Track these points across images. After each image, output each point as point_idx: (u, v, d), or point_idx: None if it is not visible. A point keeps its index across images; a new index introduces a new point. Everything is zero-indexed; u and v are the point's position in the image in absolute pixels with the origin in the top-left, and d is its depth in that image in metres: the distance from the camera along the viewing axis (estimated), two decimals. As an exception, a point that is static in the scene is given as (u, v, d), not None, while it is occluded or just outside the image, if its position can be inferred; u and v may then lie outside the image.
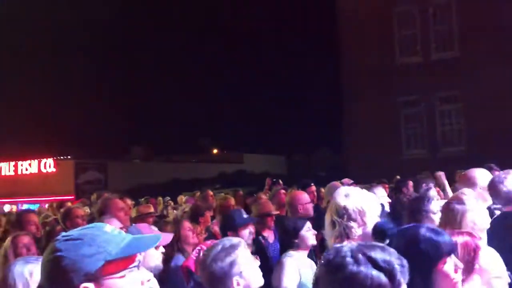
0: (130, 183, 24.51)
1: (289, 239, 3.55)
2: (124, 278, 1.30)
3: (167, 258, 3.22)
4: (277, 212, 4.75)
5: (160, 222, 4.44)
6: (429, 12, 17.62)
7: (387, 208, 4.38)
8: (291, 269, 3.38)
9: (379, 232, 2.25)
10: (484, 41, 15.54)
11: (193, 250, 3.30)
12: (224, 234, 3.67)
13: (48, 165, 30.83)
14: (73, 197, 23.83)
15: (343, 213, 2.39)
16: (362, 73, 17.79)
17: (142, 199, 10.07)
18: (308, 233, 3.56)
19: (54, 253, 1.29)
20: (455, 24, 17.05)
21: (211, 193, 7.64)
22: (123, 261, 1.31)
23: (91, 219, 4.15)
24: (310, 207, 4.66)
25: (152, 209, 5.68)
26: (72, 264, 1.25)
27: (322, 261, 1.44)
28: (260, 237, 4.21)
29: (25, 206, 22.48)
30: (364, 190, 2.58)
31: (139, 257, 1.36)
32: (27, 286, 2.07)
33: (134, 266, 1.33)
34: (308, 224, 3.66)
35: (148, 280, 1.38)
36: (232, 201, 5.72)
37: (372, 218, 2.41)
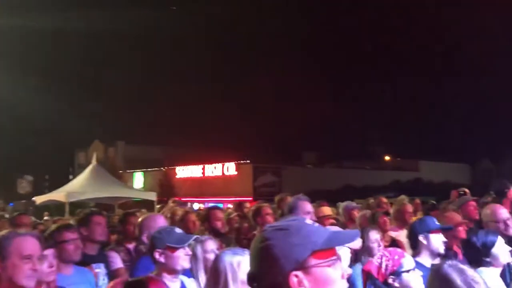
0: (303, 187, 25.20)
1: (479, 256, 3.20)
2: (329, 268, 1.35)
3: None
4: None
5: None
6: None
7: None
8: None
9: None
10: None
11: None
12: (411, 238, 3.45)
13: (230, 168, 33.50)
14: (251, 198, 25.44)
15: None
16: None
17: (314, 204, 10.18)
18: (501, 250, 3.17)
19: (265, 241, 1.35)
20: None
21: (385, 199, 7.35)
22: (326, 253, 1.35)
23: (281, 218, 4.37)
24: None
25: (330, 212, 5.71)
26: (282, 252, 1.31)
27: None
28: (451, 253, 3.85)
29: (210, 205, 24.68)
30: None
31: (338, 251, 1.40)
32: (236, 275, 2.26)
33: (336, 259, 1.37)
34: (501, 240, 3.26)
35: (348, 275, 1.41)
36: (410, 207, 5.40)
37: None
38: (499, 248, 3.15)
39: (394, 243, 4.57)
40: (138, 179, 38.50)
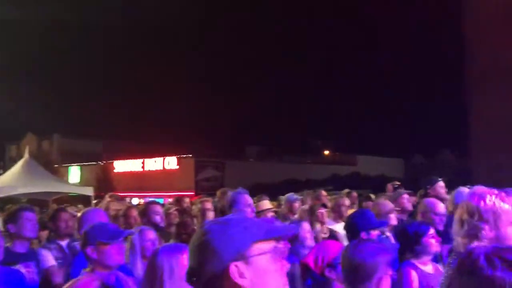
0: (245, 181, 25.35)
1: (410, 243, 3.35)
2: (269, 259, 1.35)
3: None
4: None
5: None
6: None
7: None
8: (409, 277, 3.20)
9: None
10: None
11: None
12: (353, 234, 3.54)
13: (172, 162, 33.06)
14: (193, 193, 25.25)
15: (474, 212, 2.22)
16: (490, 70, 16.33)
17: (255, 198, 10.28)
18: (432, 240, 3.33)
19: (205, 235, 1.35)
20: None
21: (324, 193, 7.54)
22: (267, 243, 1.36)
23: (221, 214, 4.36)
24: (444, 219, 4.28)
25: (270, 205, 5.76)
26: (222, 244, 1.32)
27: (454, 264, 1.34)
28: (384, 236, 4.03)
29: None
30: (503, 193, 2.35)
31: (279, 243, 1.41)
32: (173, 271, 2.23)
33: (276, 250, 1.38)
34: (432, 230, 3.42)
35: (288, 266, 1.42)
36: (347, 201, 5.57)
37: (508, 224, 2.19)
38: (430, 238, 3.31)
39: (333, 235, 4.68)
40: (74, 173, 37.12)
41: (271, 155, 39.60)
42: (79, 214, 3.98)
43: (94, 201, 11.03)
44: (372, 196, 7.78)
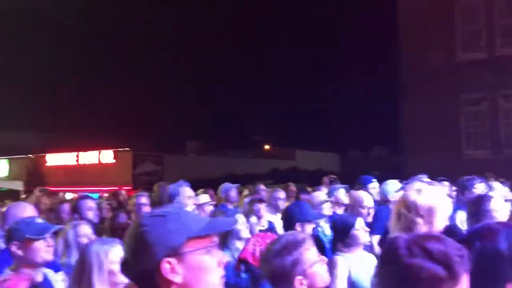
0: (185, 176, 25.03)
1: (340, 236, 3.47)
2: (204, 255, 1.34)
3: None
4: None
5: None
6: (494, 6, 16.72)
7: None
8: (342, 268, 3.31)
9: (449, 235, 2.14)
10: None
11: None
12: (289, 226, 3.59)
13: (108, 156, 32.10)
14: (130, 187, 24.66)
15: (411, 207, 2.33)
16: (422, 70, 17.18)
17: (199, 191, 10.24)
18: (360, 232, 3.47)
19: (140, 228, 1.33)
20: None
21: (263, 187, 7.64)
22: (203, 240, 1.34)
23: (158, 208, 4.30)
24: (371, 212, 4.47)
25: (208, 199, 5.77)
26: (156, 238, 1.30)
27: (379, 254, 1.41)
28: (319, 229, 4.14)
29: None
30: (439, 189, 2.49)
31: (216, 238, 1.39)
32: (102, 265, 2.18)
33: (213, 246, 1.36)
34: (361, 222, 3.56)
35: (224, 262, 1.40)
36: (282, 194, 5.68)
37: (442, 219, 2.32)
38: (358, 229, 3.46)
39: (270, 227, 4.76)
40: (2, 167, 35.09)
41: (212, 149, 39.49)
42: (3, 209, 3.76)
43: (23, 196, 10.53)
44: (309, 189, 7.97)
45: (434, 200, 2.35)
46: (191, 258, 1.31)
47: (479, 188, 5.47)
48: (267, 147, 44.67)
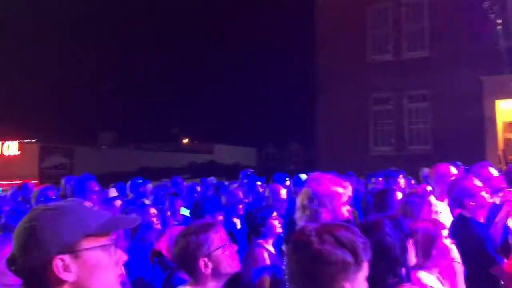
0: (97, 170, 24.12)
1: (256, 225, 3.56)
2: (101, 253, 1.27)
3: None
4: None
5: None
6: (401, 11, 17.91)
7: None
8: (262, 255, 3.39)
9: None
10: (453, 41, 15.92)
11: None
12: (199, 217, 3.63)
13: (12, 147, 30.00)
14: (37, 181, 23.24)
15: (313, 197, 2.43)
16: (334, 69, 17.98)
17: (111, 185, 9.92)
18: (275, 222, 3.58)
19: (31, 222, 1.24)
20: (426, 23, 17.39)
21: (180, 180, 7.60)
22: (100, 238, 1.28)
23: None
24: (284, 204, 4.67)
25: (116, 193, 5.61)
26: (49, 235, 1.22)
27: (290, 241, 1.47)
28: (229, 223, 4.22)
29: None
30: (337, 178, 2.61)
31: (115, 236, 1.33)
32: None
33: (111, 244, 1.30)
34: (275, 213, 3.67)
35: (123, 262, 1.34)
36: (199, 188, 5.71)
37: (343, 205, 2.44)
38: (273, 219, 3.58)
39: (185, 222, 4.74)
40: None
41: (127, 142, 38.35)
42: None
43: None
44: (226, 183, 8.05)
45: (334, 188, 2.47)
46: (87, 256, 1.25)
47: (384, 181, 5.92)
48: (185, 140, 44.26)
